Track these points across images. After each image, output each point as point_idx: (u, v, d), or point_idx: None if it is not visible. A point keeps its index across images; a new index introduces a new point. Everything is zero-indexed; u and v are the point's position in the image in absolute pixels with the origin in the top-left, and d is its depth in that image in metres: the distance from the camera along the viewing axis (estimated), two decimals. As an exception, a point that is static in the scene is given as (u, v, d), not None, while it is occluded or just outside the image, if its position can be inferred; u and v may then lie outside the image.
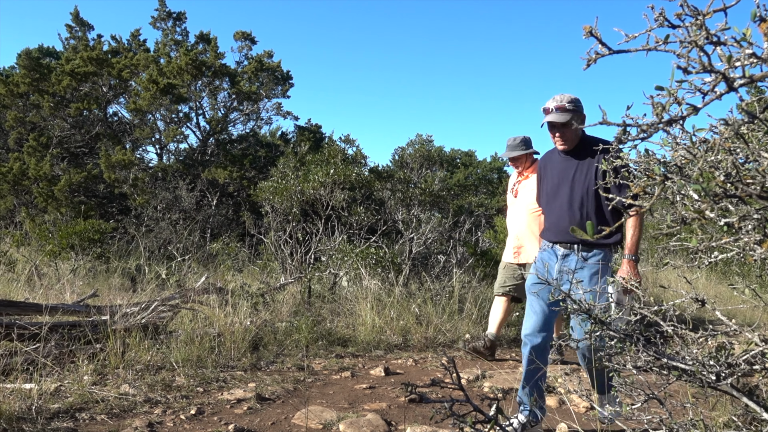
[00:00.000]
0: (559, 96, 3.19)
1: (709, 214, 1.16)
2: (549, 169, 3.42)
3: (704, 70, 0.95)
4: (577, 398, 3.83)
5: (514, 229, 5.15)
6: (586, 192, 3.15)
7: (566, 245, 3.19)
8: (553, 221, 3.29)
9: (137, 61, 12.22)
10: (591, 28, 0.93)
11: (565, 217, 3.19)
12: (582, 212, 3.16)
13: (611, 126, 1.07)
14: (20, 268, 6.92)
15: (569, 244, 3.18)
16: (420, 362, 4.90)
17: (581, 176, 3.18)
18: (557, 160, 3.35)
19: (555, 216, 3.28)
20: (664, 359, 1.83)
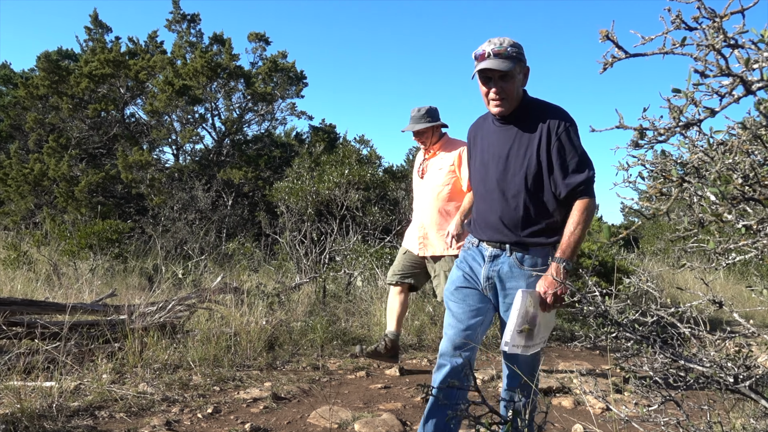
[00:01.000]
0: (497, 39, 2.41)
1: (728, 217, 1.16)
2: (479, 141, 2.66)
3: (721, 74, 0.95)
4: (593, 399, 3.81)
5: (419, 215, 4.38)
6: (525, 173, 2.42)
7: (495, 244, 2.49)
8: (481, 212, 2.58)
9: (154, 63, 12.34)
10: (607, 31, 0.93)
11: (496, 206, 2.48)
12: (519, 201, 2.43)
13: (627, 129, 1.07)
14: (40, 268, 7.02)
15: (499, 243, 2.48)
16: (435, 362, 4.89)
17: (520, 151, 2.44)
18: (490, 130, 2.59)
19: (484, 205, 2.57)
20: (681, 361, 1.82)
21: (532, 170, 2.41)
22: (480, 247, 2.56)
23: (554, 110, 2.46)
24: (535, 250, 2.45)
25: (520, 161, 2.43)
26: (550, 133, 2.39)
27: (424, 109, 4.36)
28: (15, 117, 13.19)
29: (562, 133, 2.38)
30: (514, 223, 2.44)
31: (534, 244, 2.45)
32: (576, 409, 3.76)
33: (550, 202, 2.44)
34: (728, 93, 0.95)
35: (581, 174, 2.38)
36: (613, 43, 0.98)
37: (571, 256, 2.35)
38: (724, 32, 0.94)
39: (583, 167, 2.40)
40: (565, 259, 2.34)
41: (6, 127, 13.57)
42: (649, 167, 1.48)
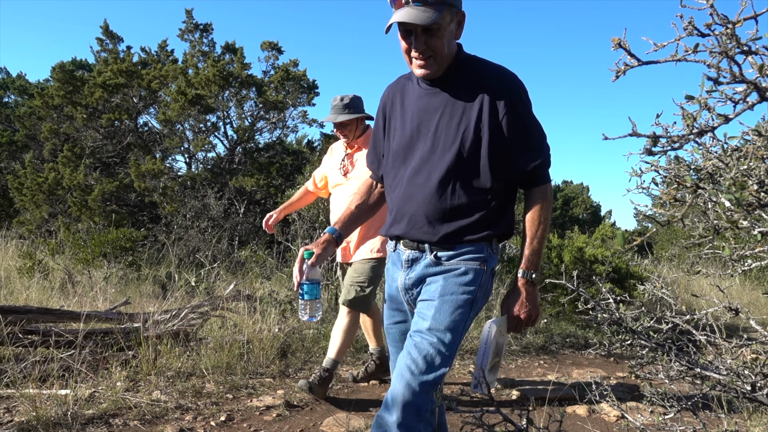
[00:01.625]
0: None
1: (743, 223, 1.15)
2: (398, 108, 2.06)
3: (735, 80, 0.94)
4: (607, 407, 3.78)
5: None
6: (458, 152, 1.86)
7: (413, 245, 1.97)
8: (397, 202, 2.00)
9: (166, 73, 12.45)
10: (620, 39, 0.93)
11: (418, 195, 1.92)
12: (448, 187, 1.89)
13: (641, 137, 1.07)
14: (55, 276, 7.08)
15: (417, 243, 1.96)
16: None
17: (452, 123, 1.89)
18: (414, 95, 2.01)
19: (401, 193, 1.98)
20: (697, 369, 1.80)
21: (467, 148, 1.86)
22: (397, 250, 2.05)
23: (499, 72, 1.91)
24: (465, 246, 1.93)
25: (452, 136, 1.87)
26: (495, 101, 1.84)
27: (348, 98, 3.88)
28: (30, 127, 13.37)
29: (510, 101, 1.85)
30: (440, 215, 1.91)
31: (461, 242, 1.92)
32: (590, 417, 3.73)
33: (487, 190, 1.90)
34: (742, 100, 0.94)
35: (538, 154, 1.90)
36: (626, 51, 0.98)
37: (537, 263, 1.91)
38: (737, 39, 0.94)
39: (540, 145, 1.91)
40: (532, 271, 1.90)
41: (22, 137, 13.75)
42: (662, 173, 1.47)
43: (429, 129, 1.94)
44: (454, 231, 1.92)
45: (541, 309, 7.04)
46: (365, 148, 3.81)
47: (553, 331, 6.57)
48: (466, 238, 1.92)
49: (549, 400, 4.01)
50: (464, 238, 1.92)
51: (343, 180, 3.98)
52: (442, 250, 1.93)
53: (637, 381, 4.41)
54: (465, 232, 1.91)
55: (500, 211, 1.96)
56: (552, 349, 6.01)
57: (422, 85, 1.99)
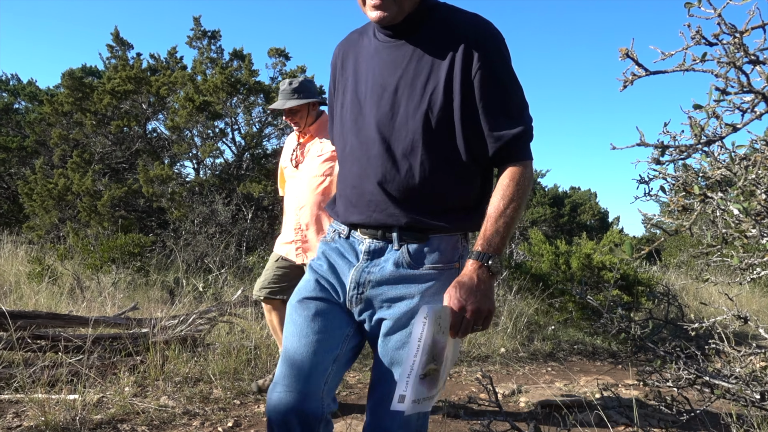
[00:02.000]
0: None
1: (752, 232, 1.15)
2: (351, 66, 1.70)
3: (743, 90, 0.95)
4: (615, 415, 3.76)
5: (294, 214, 3.59)
6: (425, 116, 1.53)
7: (375, 232, 1.61)
8: (351, 179, 1.65)
9: (175, 79, 12.53)
10: (627, 50, 0.94)
11: (377, 168, 1.58)
12: (415, 159, 1.55)
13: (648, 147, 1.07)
14: (64, 282, 7.12)
15: (382, 228, 1.60)
16: (454, 376, 4.87)
17: (418, 81, 1.55)
18: (371, 50, 1.65)
19: (356, 167, 1.64)
20: (706, 377, 1.80)
21: (436, 112, 1.52)
22: (352, 238, 1.66)
23: (474, 20, 1.56)
24: (438, 239, 1.59)
25: (418, 97, 1.53)
26: (470, 57, 1.51)
27: (297, 82, 3.54)
28: (40, 133, 13.48)
29: (488, 58, 1.52)
30: (406, 194, 1.57)
31: (437, 228, 1.58)
32: (599, 424, 3.71)
33: (462, 167, 1.58)
34: (750, 109, 0.95)
35: (517, 123, 1.56)
36: (633, 61, 0.98)
37: (500, 248, 1.51)
38: (745, 48, 0.94)
39: (520, 112, 1.58)
40: (490, 254, 1.49)
41: (32, 143, 13.87)
42: (670, 181, 1.47)
43: (387, 90, 1.57)
44: (426, 214, 1.57)
45: (548, 316, 7.04)
46: (319, 137, 3.54)
47: (560, 338, 6.54)
48: (440, 226, 1.58)
49: (557, 407, 3.99)
50: (438, 224, 1.58)
51: (294, 172, 3.61)
52: (413, 240, 1.58)
53: (645, 389, 4.38)
54: (439, 215, 1.58)
55: (478, 195, 1.64)
56: (560, 356, 5.99)
57: (380, 36, 1.63)
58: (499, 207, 1.53)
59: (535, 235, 8.40)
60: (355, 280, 1.62)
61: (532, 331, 6.41)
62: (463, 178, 1.60)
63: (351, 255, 1.66)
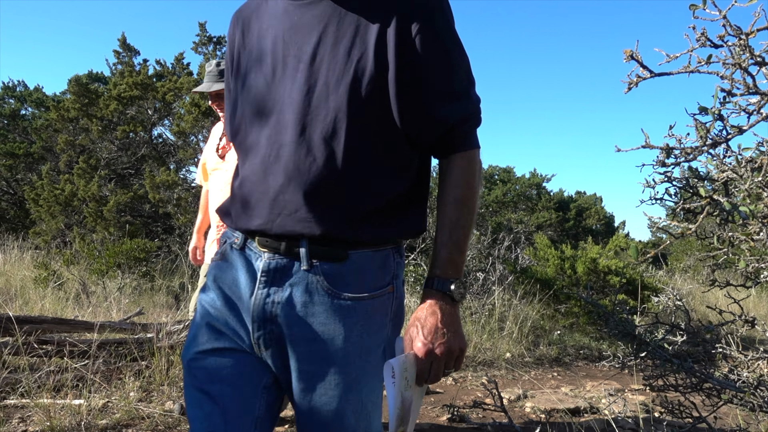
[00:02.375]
0: None
1: (759, 235, 1.14)
2: (253, 37, 1.34)
3: (749, 92, 0.94)
4: (621, 420, 3.74)
5: None
6: (350, 91, 1.18)
7: (277, 243, 1.23)
8: (253, 173, 1.27)
9: (180, 85, 12.59)
10: (632, 51, 0.93)
11: (287, 159, 1.21)
12: (338, 145, 1.19)
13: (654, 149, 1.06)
14: (69, 287, 7.15)
15: (287, 239, 1.22)
16: (460, 381, 4.85)
17: (341, 48, 1.21)
18: (276, 12, 1.30)
19: (259, 161, 1.26)
20: (713, 382, 1.78)
21: (365, 86, 1.17)
22: (248, 250, 1.27)
23: None
24: (362, 257, 1.21)
25: (341, 67, 1.18)
26: (407, 16, 1.18)
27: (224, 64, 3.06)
28: (47, 139, 13.56)
29: (430, 19, 1.20)
30: (324, 190, 1.19)
31: (360, 242, 1.21)
32: (605, 430, 3.69)
33: (397, 152, 1.24)
34: (756, 111, 0.94)
35: (464, 103, 1.25)
36: (638, 63, 0.98)
37: (460, 267, 1.22)
38: (751, 50, 0.94)
39: (466, 89, 1.26)
40: (451, 279, 1.19)
41: (38, 149, 13.95)
42: (676, 184, 1.46)
43: (302, 60, 1.21)
44: (350, 221, 1.20)
45: (553, 321, 7.02)
46: None
47: (566, 343, 6.52)
48: (368, 235, 1.21)
49: (562, 412, 3.97)
50: (365, 232, 1.21)
51: (220, 164, 3.24)
52: (327, 258, 1.20)
53: (652, 394, 4.36)
54: (364, 226, 1.21)
55: (415, 193, 1.29)
56: (566, 361, 5.96)
57: None
58: (451, 214, 1.22)
59: (541, 239, 8.38)
60: (258, 316, 1.22)
61: (537, 335, 6.39)
62: (399, 170, 1.25)
63: (247, 277, 1.24)
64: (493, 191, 16.59)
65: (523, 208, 16.99)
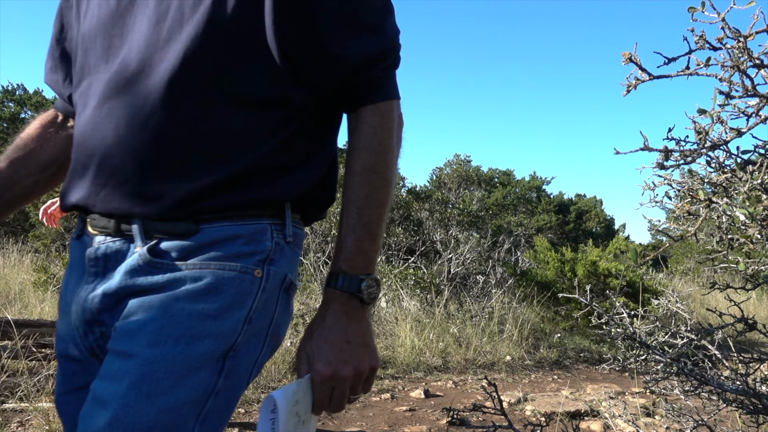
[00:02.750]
0: None
1: (758, 237, 1.14)
2: None
3: (747, 94, 0.94)
4: (622, 423, 3.73)
5: None
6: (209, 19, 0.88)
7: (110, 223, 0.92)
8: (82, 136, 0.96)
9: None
10: (630, 54, 0.93)
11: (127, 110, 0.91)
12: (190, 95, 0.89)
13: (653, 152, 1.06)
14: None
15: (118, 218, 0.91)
16: (460, 384, 4.85)
17: None
18: None
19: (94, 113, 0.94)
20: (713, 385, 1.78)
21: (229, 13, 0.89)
22: (85, 236, 0.99)
23: None
24: (219, 231, 0.92)
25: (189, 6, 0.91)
26: None
27: None
28: (46, 142, 13.57)
29: None
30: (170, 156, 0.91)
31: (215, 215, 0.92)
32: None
33: (273, 102, 0.94)
34: (755, 113, 0.94)
35: (374, 37, 0.95)
36: (637, 65, 0.98)
37: (373, 259, 0.95)
38: (749, 52, 0.94)
39: (380, 20, 0.96)
40: (361, 275, 0.92)
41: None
42: (676, 187, 1.46)
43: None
44: (202, 189, 0.90)
45: (553, 324, 7.01)
46: None
47: (566, 346, 6.51)
48: (226, 205, 0.92)
49: (563, 415, 3.97)
50: (223, 203, 0.91)
51: None
52: (171, 235, 0.91)
53: (652, 396, 4.35)
54: (227, 189, 0.91)
55: (304, 148, 0.99)
56: (566, 363, 5.95)
57: None
58: (360, 188, 0.94)
59: (541, 242, 8.38)
60: (82, 318, 0.95)
61: (537, 338, 6.39)
62: (278, 123, 0.95)
63: (79, 267, 0.99)
64: (493, 194, 16.61)
65: (523, 211, 17.00)
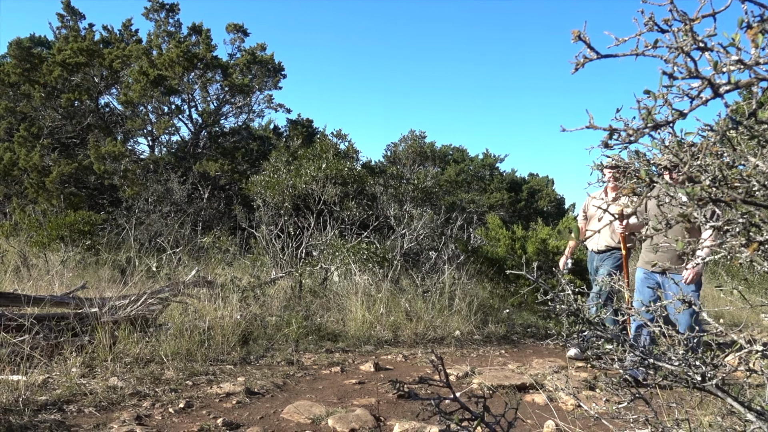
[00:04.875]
0: None
1: (696, 217, 1.17)
2: None
3: (690, 76, 0.96)
4: (565, 396, 3.86)
5: None
6: None
7: None
8: None
9: (129, 52, 12.14)
10: (579, 32, 0.94)
11: None
12: None
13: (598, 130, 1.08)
14: (9, 259, 6.87)
15: None
16: (410, 358, 4.91)
17: None
18: None
19: None
20: (650, 359, 1.85)
21: None
22: None
23: None
24: None
25: None
26: None
27: None
28: (-15, 104, 12.88)
29: None
30: None
31: None
32: (548, 405, 3.80)
33: None
34: (697, 95, 0.96)
35: None
36: (585, 44, 0.98)
37: None
38: (694, 35, 0.95)
39: None
40: None
41: (-25, 115, 13.27)
42: (621, 166, 1.49)
43: None
44: None
45: (502, 300, 7.16)
46: None
47: (515, 322, 6.66)
48: None
49: (509, 388, 4.07)
50: None
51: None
52: None
53: (593, 371, 4.51)
54: None
55: None
56: (513, 338, 6.10)
57: None
58: None
59: (493, 219, 8.50)
60: None
61: (486, 314, 6.51)
62: None
63: None
64: (446, 171, 16.69)
65: (476, 189, 17.16)
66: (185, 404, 3.35)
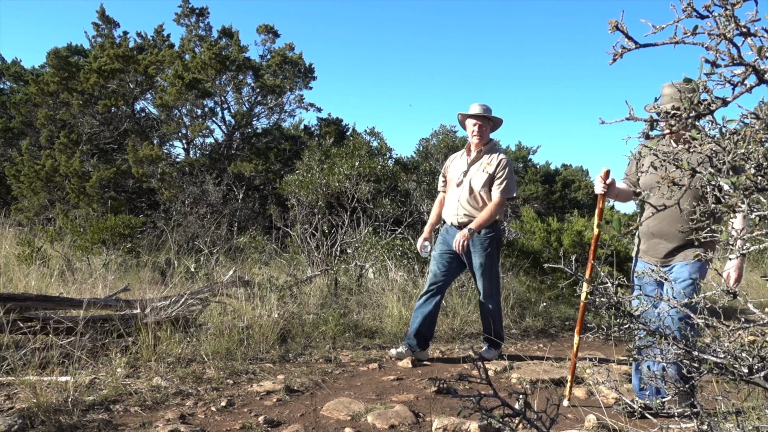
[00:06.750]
0: None
1: (741, 207, 1.14)
2: None
3: (733, 63, 0.93)
4: (605, 389, 3.80)
5: None
6: None
7: None
8: None
9: (162, 57, 12.36)
10: (617, 22, 0.92)
11: None
12: None
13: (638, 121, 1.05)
14: (54, 264, 7.08)
15: None
16: (447, 353, 4.90)
17: None
18: None
19: None
20: (694, 352, 1.81)
21: None
22: None
23: None
24: None
25: None
26: None
27: None
28: (26, 114, 13.28)
29: None
30: None
31: None
32: (589, 399, 3.75)
33: None
34: (741, 82, 0.93)
35: None
36: (623, 34, 0.96)
37: None
38: (737, 20, 0.92)
39: None
40: None
41: (18, 124, 13.68)
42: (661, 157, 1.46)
43: None
44: None
45: (539, 293, 7.07)
46: None
47: (552, 315, 6.59)
48: None
49: (548, 382, 4.03)
50: None
51: None
52: None
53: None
54: None
55: None
56: (551, 332, 6.03)
57: None
58: None
59: (527, 212, 8.41)
60: None
61: (523, 308, 6.45)
62: None
63: None
64: (479, 164, 16.55)
65: (509, 181, 16.98)
66: (227, 402, 3.41)
